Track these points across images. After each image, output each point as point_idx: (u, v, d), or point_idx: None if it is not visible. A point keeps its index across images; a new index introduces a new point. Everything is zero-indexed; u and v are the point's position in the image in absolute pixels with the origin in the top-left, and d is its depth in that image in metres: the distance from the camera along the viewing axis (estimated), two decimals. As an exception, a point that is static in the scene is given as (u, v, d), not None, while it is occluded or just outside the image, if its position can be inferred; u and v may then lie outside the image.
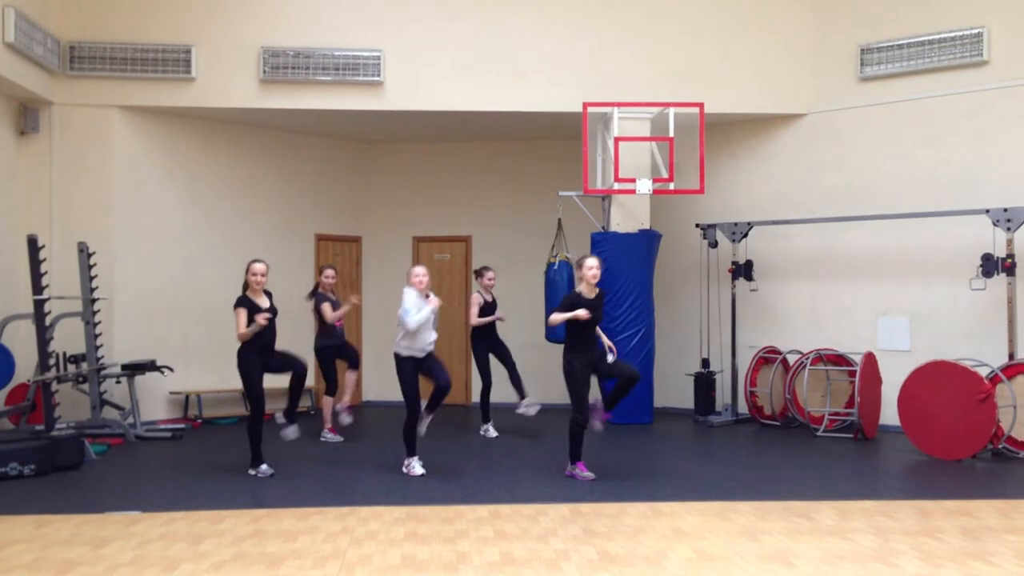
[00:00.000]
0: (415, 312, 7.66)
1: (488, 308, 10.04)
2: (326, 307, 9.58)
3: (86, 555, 5.34)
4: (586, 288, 7.60)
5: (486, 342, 10.06)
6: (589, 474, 7.58)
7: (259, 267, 7.91)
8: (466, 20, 11.09)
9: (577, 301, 7.50)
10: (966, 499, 6.95)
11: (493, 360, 10.08)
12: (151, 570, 5.04)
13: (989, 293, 9.69)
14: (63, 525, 6.08)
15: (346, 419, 9.71)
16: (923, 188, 10.42)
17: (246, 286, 7.93)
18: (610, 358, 7.66)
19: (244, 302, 7.78)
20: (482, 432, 10.01)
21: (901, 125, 10.65)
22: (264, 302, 7.90)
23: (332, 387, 9.80)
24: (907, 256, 10.54)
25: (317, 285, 9.94)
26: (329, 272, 9.88)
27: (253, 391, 7.77)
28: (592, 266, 7.59)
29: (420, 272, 7.95)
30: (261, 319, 7.58)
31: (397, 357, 7.82)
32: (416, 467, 7.81)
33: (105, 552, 5.40)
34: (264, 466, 7.82)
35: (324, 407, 9.92)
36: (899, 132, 10.66)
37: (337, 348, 9.78)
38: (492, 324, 10.06)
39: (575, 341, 7.55)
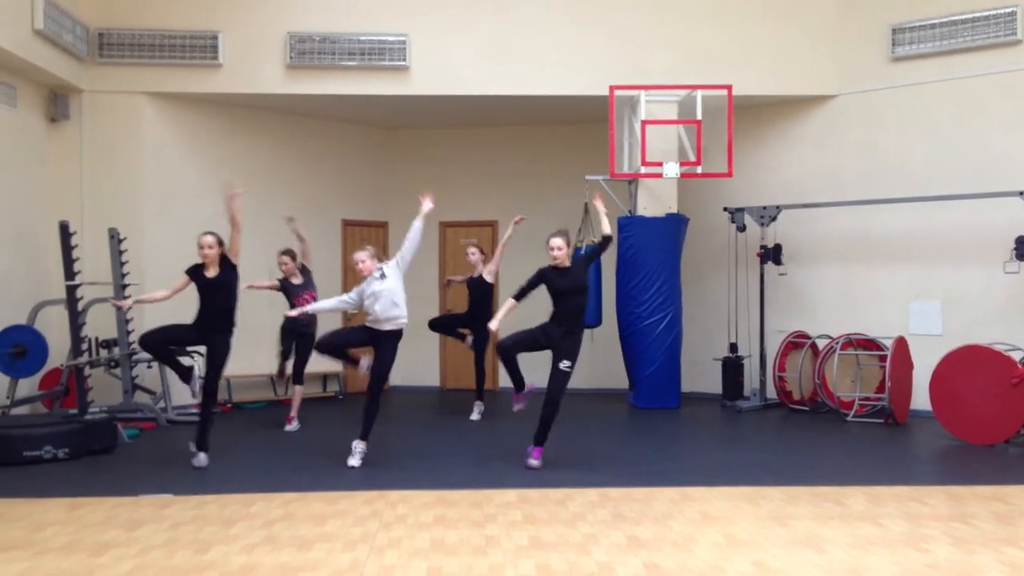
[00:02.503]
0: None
1: (473, 283, 10.35)
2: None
3: (119, 537, 5.40)
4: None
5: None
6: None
7: (205, 239, 7.63)
8: (491, 4, 11.05)
9: (543, 273, 7.50)
10: (999, 484, 6.87)
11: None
12: (183, 552, 5.10)
13: (1023, 276, 9.56)
14: (97, 508, 6.16)
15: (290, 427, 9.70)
16: (955, 170, 10.28)
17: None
18: (563, 365, 7.35)
19: (189, 270, 7.65)
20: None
21: (933, 106, 10.51)
22: (211, 272, 7.58)
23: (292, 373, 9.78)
24: (939, 239, 10.42)
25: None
26: (283, 259, 9.81)
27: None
28: (552, 246, 7.52)
29: (360, 257, 7.75)
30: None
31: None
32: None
33: (138, 534, 5.46)
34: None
35: (294, 396, 9.85)
36: (930, 113, 10.52)
37: (292, 332, 9.71)
38: (477, 305, 10.25)
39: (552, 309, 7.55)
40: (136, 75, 10.71)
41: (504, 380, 12.78)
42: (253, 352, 11.60)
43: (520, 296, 7.50)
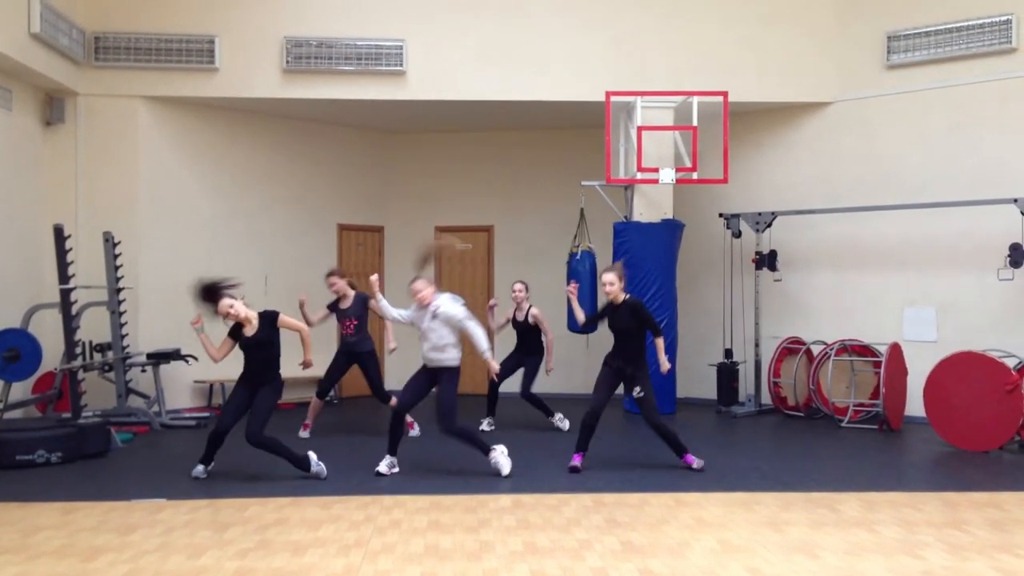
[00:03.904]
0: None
1: (517, 325, 9.83)
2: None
3: (113, 542, 5.39)
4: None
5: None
6: (577, 464, 7.55)
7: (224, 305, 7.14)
8: (488, 9, 11.06)
9: (604, 307, 7.86)
10: (993, 491, 6.89)
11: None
12: (177, 557, 5.08)
13: (1017, 283, 9.59)
14: (90, 512, 6.14)
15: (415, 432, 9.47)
16: (950, 177, 10.31)
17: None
18: (636, 391, 7.60)
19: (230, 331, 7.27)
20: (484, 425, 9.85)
21: (928, 113, 10.54)
22: (249, 330, 7.21)
23: (323, 391, 9.30)
24: (934, 246, 10.44)
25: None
26: (330, 280, 9.34)
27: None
28: (603, 282, 7.69)
29: (419, 287, 7.43)
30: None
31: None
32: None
33: (131, 539, 5.45)
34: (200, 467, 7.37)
35: (311, 405, 9.40)
36: (926, 120, 10.55)
37: (347, 356, 9.33)
38: (522, 339, 9.86)
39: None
40: (132, 79, 10.70)
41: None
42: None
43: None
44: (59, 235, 8.98)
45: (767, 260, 11.23)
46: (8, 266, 9.70)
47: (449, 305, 7.38)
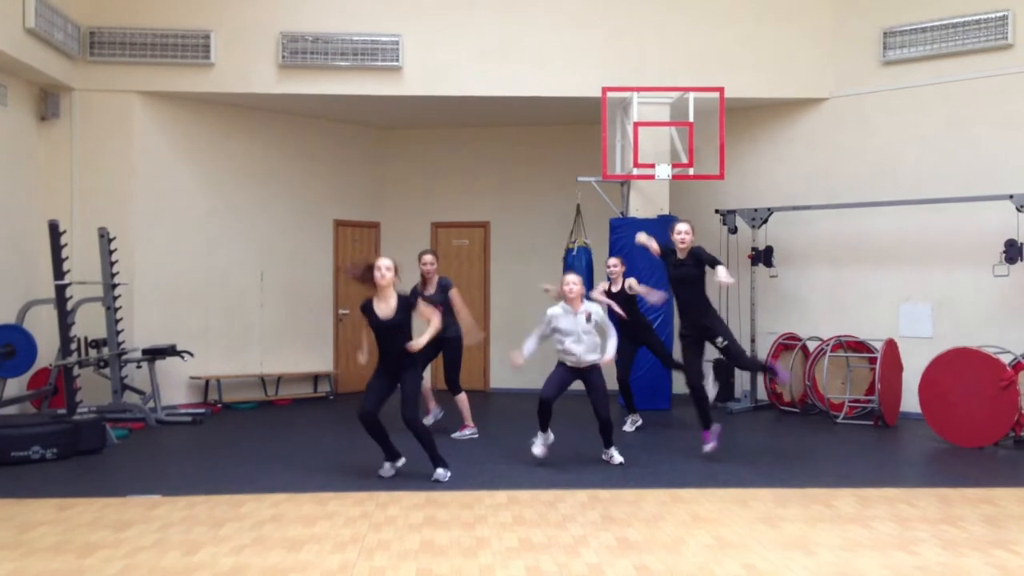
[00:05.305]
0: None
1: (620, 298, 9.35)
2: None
3: (108, 538, 5.38)
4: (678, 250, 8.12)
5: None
6: (710, 443, 7.91)
7: (381, 261, 7.11)
8: (485, 5, 11.04)
9: (666, 251, 8.24)
10: (988, 487, 6.90)
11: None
12: (172, 553, 5.08)
13: (1012, 279, 9.60)
14: (85, 508, 6.13)
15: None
16: (946, 173, 10.32)
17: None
18: (719, 342, 8.04)
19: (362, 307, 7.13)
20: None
21: (924, 109, 10.54)
22: (385, 308, 7.03)
23: (453, 386, 9.13)
24: (930, 242, 10.45)
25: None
26: (425, 258, 9.13)
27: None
28: (678, 231, 8.07)
29: (572, 280, 7.45)
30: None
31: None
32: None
33: (127, 535, 5.44)
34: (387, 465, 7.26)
35: (460, 404, 9.24)
36: (922, 116, 10.55)
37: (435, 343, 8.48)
38: (633, 317, 9.37)
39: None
40: (127, 74, 10.67)
41: (495, 380, 12.82)
42: (243, 353, 11.60)
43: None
44: (54, 231, 8.97)
45: (763, 256, 11.24)
46: (3, 262, 9.68)
47: (598, 311, 7.57)
